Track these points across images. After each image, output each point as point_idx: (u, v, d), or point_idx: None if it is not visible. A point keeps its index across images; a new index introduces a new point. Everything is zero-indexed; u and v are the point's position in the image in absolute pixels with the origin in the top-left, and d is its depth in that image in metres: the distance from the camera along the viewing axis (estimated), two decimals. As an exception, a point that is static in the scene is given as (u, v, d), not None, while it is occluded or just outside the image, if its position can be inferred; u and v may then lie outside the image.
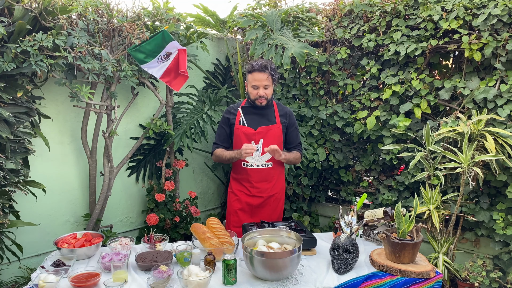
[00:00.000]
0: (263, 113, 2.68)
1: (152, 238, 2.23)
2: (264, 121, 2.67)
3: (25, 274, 2.85)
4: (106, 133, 3.03)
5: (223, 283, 1.81)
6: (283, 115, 2.73)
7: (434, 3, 2.99)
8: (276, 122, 2.68)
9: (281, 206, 2.84)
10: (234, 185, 2.78)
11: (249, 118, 2.67)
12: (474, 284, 2.64)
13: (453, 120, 2.80)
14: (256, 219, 2.68)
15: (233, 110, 2.73)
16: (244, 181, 2.72)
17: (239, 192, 2.74)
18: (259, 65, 2.52)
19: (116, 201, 3.42)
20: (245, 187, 2.72)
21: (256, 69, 2.52)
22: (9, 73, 2.33)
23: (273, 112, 2.71)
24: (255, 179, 2.68)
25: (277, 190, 2.76)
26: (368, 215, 2.29)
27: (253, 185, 2.69)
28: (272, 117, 2.69)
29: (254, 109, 2.67)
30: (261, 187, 2.70)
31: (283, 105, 2.81)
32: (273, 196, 2.75)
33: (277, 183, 2.77)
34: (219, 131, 2.77)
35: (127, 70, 2.81)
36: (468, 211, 2.88)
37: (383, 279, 1.92)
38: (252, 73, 2.54)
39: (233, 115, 2.70)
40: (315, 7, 3.82)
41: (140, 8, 3.00)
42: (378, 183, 3.56)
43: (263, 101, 2.60)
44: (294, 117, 2.79)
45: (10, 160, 2.40)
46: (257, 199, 2.71)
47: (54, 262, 1.96)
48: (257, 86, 2.55)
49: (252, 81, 2.56)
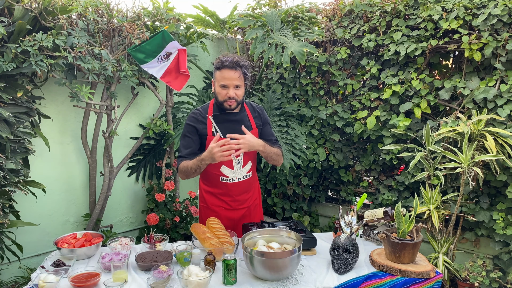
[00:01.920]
0: (237, 119, 2.26)
1: (152, 238, 2.23)
2: (240, 128, 2.19)
3: (25, 274, 2.85)
4: (106, 133, 3.03)
5: (223, 283, 1.81)
6: (257, 116, 2.38)
7: (434, 3, 2.99)
8: (252, 128, 2.31)
9: (260, 210, 2.58)
10: (210, 200, 2.38)
11: (222, 126, 2.23)
12: (474, 284, 2.64)
13: (453, 120, 2.80)
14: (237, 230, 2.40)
15: (201, 117, 2.25)
16: (224, 196, 2.35)
17: (217, 208, 2.37)
18: (229, 60, 2.12)
19: (116, 201, 3.42)
20: (225, 201, 2.36)
21: (226, 65, 2.12)
22: (9, 73, 2.34)
23: (246, 115, 2.32)
24: (236, 192, 2.34)
25: (256, 196, 2.51)
26: (368, 215, 2.29)
27: (234, 198, 2.36)
28: (247, 122, 2.30)
29: (227, 115, 2.25)
30: (242, 199, 2.39)
31: (252, 103, 2.45)
32: (253, 203, 2.48)
33: (255, 189, 2.51)
34: (184, 142, 2.26)
35: (127, 70, 2.81)
36: (468, 211, 2.88)
37: (383, 279, 1.92)
38: (221, 70, 2.13)
39: (202, 124, 2.24)
40: (315, 7, 3.82)
41: (140, 8, 3.00)
42: (378, 183, 3.55)
43: (233, 103, 2.18)
44: (265, 113, 2.43)
45: (10, 160, 2.41)
46: (238, 211, 2.40)
47: (54, 262, 1.96)
48: (226, 85, 2.14)
49: (221, 80, 2.14)
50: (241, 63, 2.16)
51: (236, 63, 2.13)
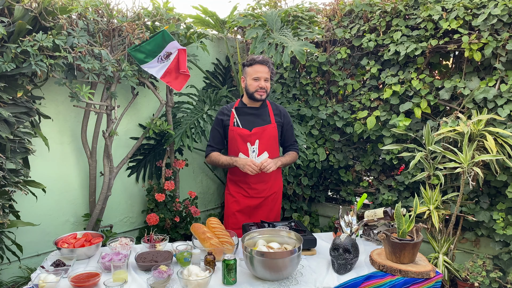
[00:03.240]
0: (257, 113, 2.65)
1: (152, 238, 2.23)
2: (258, 121, 2.64)
3: (25, 274, 2.85)
4: (106, 133, 3.03)
5: (223, 283, 1.81)
6: (278, 114, 2.71)
7: (434, 3, 2.99)
8: (271, 122, 2.66)
9: (278, 206, 2.83)
10: (232, 187, 2.76)
11: (243, 119, 2.63)
12: (474, 284, 2.64)
13: (453, 120, 2.80)
14: (254, 219, 2.68)
15: (226, 111, 2.69)
16: (242, 183, 2.70)
17: (237, 194, 2.73)
18: (260, 58, 2.56)
19: (116, 201, 3.42)
20: (243, 188, 2.71)
21: (258, 61, 2.55)
22: (9, 73, 2.34)
23: (267, 111, 2.68)
24: (253, 180, 2.66)
25: (275, 190, 2.76)
26: (368, 215, 2.29)
27: (251, 186, 2.68)
28: (266, 116, 2.67)
29: (248, 109, 2.65)
30: (259, 188, 2.69)
31: (277, 104, 2.79)
32: (271, 196, 2.74)
33: (275, 183, 2.77)
34: (212, 134, 2.73)
35: (127, 70, 2.81)
36: (468, 211, 2.88)
37: (383, 279, 1.92)
38: (253, 66, 2.56)
39: (226, 117, 2.67)
40: (315, 7, 3.82)
41: (140, 8, 3.00)
42: (378, 183, 3.56)
43: (263, 93, 2.57)
44: (289, 116, 2.77)
45: (10, 160, 2.41)
46: (255, 200, 2.70)
47: (54, 262, 1.96)
48: (258, 77, 2.54)
49: (253, 73, 2.55)
50: (270, 61, 2.60)
51: (266, 60, 2.58)
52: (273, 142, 2.67)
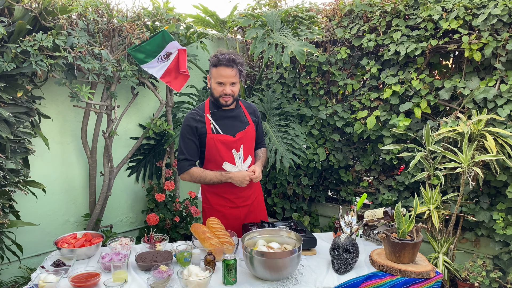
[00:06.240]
0: (234, 115, 2.35)
1: (152, 238, 2.23)
2: (237, 124, 2.34)
3: (25, 274, 2.86)
4: (106, 133, 3.03)
5: (223, 283, 1.81)
6: (252, 112, 2.45)
7: (434, 3, 2.99)
8: (249, 123, 2.39)
9: (263, 206, 2.62)
10: (214, 200, 2.39)
11: (221, 123, 2.30)
12: (474, 284, 2.64)
13: (453, 120, 2.80)
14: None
15: (199, 117, 2.30)
16: (227, 194, 2.37)
17: (222, 208, 2.38)
18: (226, 58, 2.16)
19: (116, 201, 3.42)
20: (229, 199, 2.38)
21: (223, 63, 2.17)
22: (9, 73, 2.34)
23: (242, 111, 2.40)
24: (240, 188, 2.35)
25: (257, 193, 2.55)
26: (368, 215, 2.29)
27: (238, 195, 2.38)
28: (243, 117, 2.39)
29: (224, 112, 2.33)
30: (245, 195, 2.42)
31: (245, 100, 2.53)
32: (256, 199, 2.52)
33: (256, 186, 2.54)
34: (185, 145, 2.30)
35: (127, 70, 2.81)
36: (468, 211, 2.88)
37: (383, 279, 1.92)
38: (218, 68, 2.19)
39: (201, 123, 2.29)
40: (315, 7, 3.82)
41: (140, 8, 3.00)
42: (378, 183, 3.56)
43: (229, 99, 2.24)
44: (259, 112, 2.52)
45: (10, 160, 2.41)
46: (243, 209, 2.43)
47: (54, 262, 1.96)
48: (222, 82, 2.21)
49: (218, 77, 2.21)
50: (237, 61, 2.21)
51: (233, 61, 2.18)
52: (253, 144, 2.44)
